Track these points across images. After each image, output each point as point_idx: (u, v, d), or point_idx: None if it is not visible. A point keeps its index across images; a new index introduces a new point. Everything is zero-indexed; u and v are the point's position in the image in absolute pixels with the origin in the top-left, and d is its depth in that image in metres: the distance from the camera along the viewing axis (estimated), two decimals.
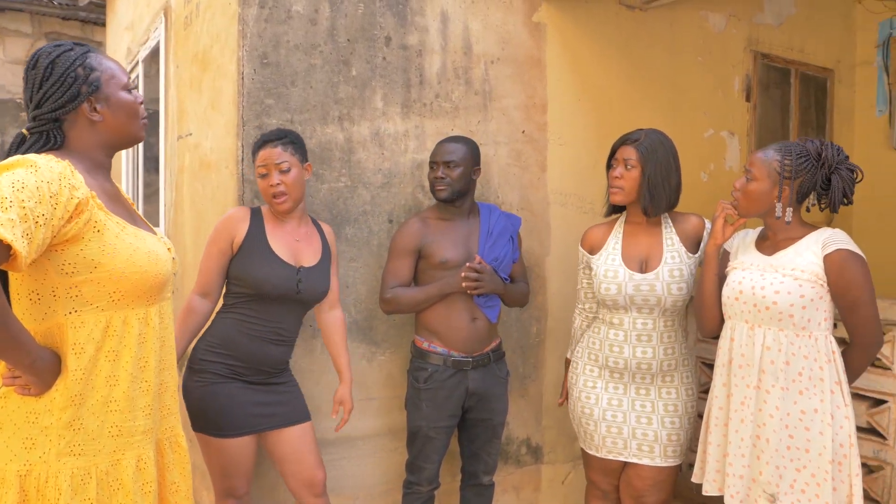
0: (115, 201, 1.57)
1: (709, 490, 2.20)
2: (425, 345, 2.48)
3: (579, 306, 2.58)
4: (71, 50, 1.51)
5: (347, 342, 2.47)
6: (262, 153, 2.19)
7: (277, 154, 2.17)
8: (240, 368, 2.19)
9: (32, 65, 1.49)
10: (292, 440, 2.24)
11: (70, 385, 1.43)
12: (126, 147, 1.64)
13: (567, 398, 2.60)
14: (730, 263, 2.22)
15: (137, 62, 4.42)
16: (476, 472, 2.60)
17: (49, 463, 1.41)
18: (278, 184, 2.16)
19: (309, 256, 2.26)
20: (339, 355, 2.41)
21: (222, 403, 2.16)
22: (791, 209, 2.05)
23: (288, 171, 2.18)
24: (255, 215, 2.24)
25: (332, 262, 2.35)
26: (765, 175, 2.07)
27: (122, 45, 5.29)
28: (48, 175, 1.35)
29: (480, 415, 2.53)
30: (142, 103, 1.62)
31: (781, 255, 2.06)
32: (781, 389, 2.00)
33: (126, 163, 4.95)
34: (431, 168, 2.49)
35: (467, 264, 2.39)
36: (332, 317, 2.41)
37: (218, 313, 2.26)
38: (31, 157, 1.38)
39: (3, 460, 1.41)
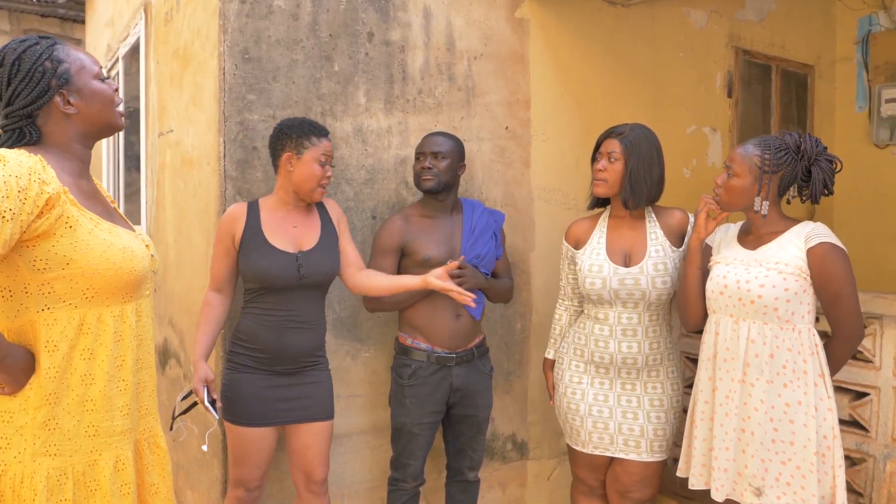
0: (91, 198, 1.54)
1: (695, 484, 2.21)
2: (409, 341, 2.47)
3: (566, 302, 2.58)
4: (37, 44, 1.48)
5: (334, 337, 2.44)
6: (328, 143, 2.24)
7: (332, 150, 2.28)
8: (265, 360, 2.22)
9: None
10: (306, 435, 2.27)
11: (44, 384, 1.41)
12: (104, 136, 1.61)
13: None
14: (712, 258, 2.22)
15: (118, 59, 4.37)
16: (461, 469, 2.59)
17: (24, 463, 1.39)
18: (329, 177, 2.26)
19: (308, 239, 2.27)
20: (396, 279, 2.29)
21: (244, 393, 2.22)
22: (768, 203, 2.06)
23: (333, 167, 2.30)
24: (252, 209, 2.28)
25: (341, 235, 2.35)
26: (745, 170, 2.08)
27: (101, 41, 5.23)
28: (17, 169, 1.32)
29: (465, 411, 2.52)
30: (116, 90, 1.59)
31: (765, 249, 2.07)
32: (766, 383, 2.00)
33: (106, 162, 4.90)
34: (418, 159, 2.48)
35: (449, 262, 2.38)
36: (363, 273, 2.34)
37: (242, 309, 2.31)
38: (1, 151, 1.36)
39: None
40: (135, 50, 3.93)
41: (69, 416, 1.43)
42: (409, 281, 2.26)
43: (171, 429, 2.40)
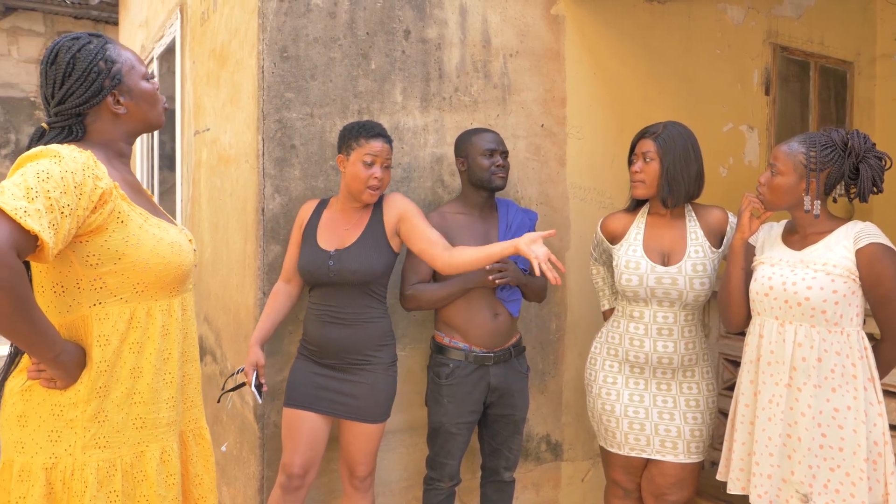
0: (137, 192, 1.57)
1: (733, 489, 2.17)
2: (446, 340, 2.46)
3: (597, 265, 2.66)
4: (90, 43, 1.50)
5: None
6: (376, 144, 2.24)
7: (388, 151, 2.27)
8: (314, 351, 2.31)
9: (51, 60, 1.48)
10: (351, 433, 2.31)
11: (95, 377, 1.43)
12: (147, 132, 1.65)
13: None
14: (756, 258, 2.18)
15: (152, 59, 4.42)
16: (497, 469, 2.57)
17: (75, 455, 1.41)
18: (381, 178, 2.25)
19: (349, 238, 2.30)
20: (481, 249, 2.19)
21: (294, 376, 2.34)
22: (819, 202, 2.02)
23: (388, 168, 2.29)
24: (319, 206, 2.37)
25: (407, 226, 2.29)
26: (790, 168, 2.04)
27: (135, 42, 5.29)
28: (72, 165, 1.34)
29: (502, 410, 2.51)
30: (157, 88, 1.62)
31: (811, 249, 2.02)
32: (814, 387, 1.95)
33: (140, 160, 4.96)
34: (486, 155, 2.44)
35: None
36: (448, 252, 2.24)
37: None
38: (55, 147, 1.37)
39: (28, 453, 1.41)
40: (170, 50, 3.98)
41: (118, 409, 1.45)
42: (499, 248, 2.17)
43: (219, 401, 2.50)
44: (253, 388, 2.27)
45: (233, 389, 2.42)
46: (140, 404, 1.48)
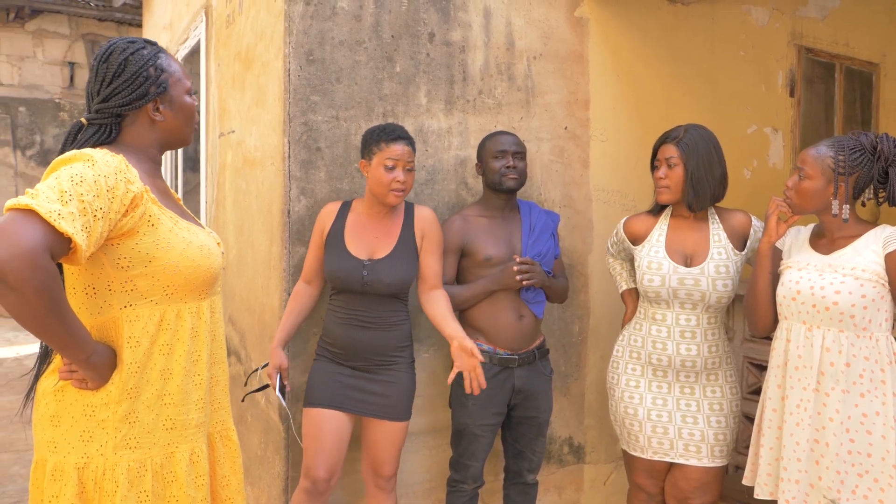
0: (167, 196, 1.59)
1: (760, 494, 2.15)
2: None
3: (614, 257, 2.66)
4: (144, 49, 1.53)
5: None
6: (397, 148, 2.24)
7: (409, 154, 2.27)
8: (339, 353, 2.31)
9: (104, 58, 1.51)
10: (376, 432, 2.31)
11: (125, 379, 1.44)
12: (175, 148, 1.68)
13: None
14: (783, 262, 2.16)
15: None
16: (520, 471, 2.57)
17: (106, 456, 1.43)
18: (403, 181, 2.25)
19: (382, 247, 2.30)
20: (444, 321, 2.28)
21: (317, 377, 2.33)
22: (847, 206, 2.00)
23: (411, 171, 2.29)
24: (343, 209, 2.36)
25: (424, 247, 2.34)
26: (818, 173, 2.02)
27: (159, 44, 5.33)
28: (105, 169, 1.36)
29: (526, 413, 2.51)
30: (196, 104, 1.65)
31: (839, 254, 2.01)
32: (842, 392, 1.94)
33: (165, 161, 5.01)
34: (497, 157, 2.46)
35: (515, 257, 2.39)
36: (431, 295, 2.35)
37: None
38: (88, 151, 1.39)
39: (61, 453, 1.43)
40: (194, 52, 4.01)
41: (148, 410, 1.47)
42: (448, 331, 2.26)
43: (243, 401, 2.50)
44: (278, 393, 2.28)
45: (257, 390, 2.44)
46: (170, 405, 1.50)
